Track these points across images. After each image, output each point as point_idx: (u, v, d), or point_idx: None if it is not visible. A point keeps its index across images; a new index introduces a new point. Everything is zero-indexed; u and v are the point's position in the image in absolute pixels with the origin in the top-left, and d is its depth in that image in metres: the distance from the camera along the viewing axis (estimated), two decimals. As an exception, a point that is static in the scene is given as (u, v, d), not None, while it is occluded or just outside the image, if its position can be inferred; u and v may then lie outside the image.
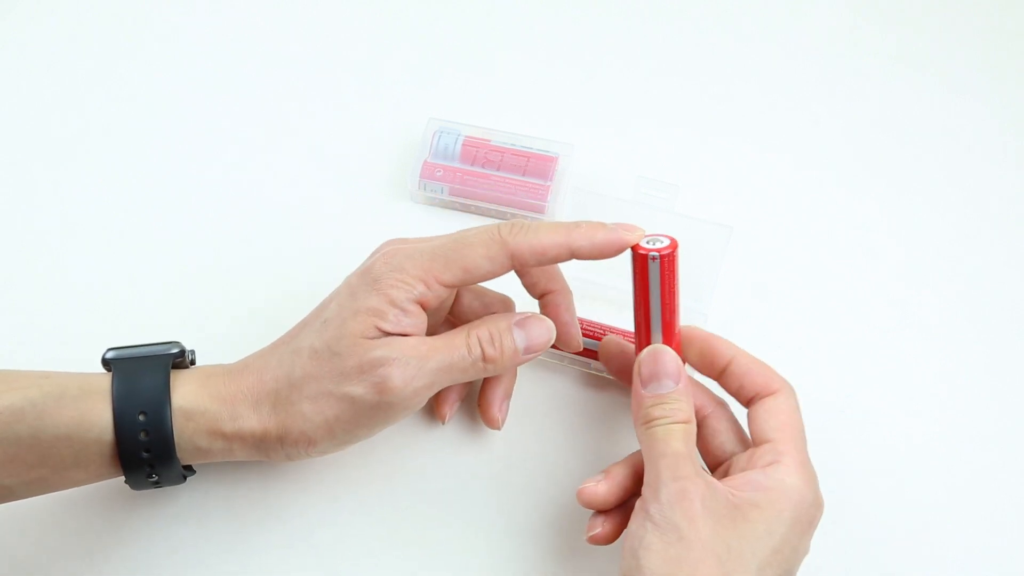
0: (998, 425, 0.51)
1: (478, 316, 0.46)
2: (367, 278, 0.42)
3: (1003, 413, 0.51)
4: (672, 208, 0.53)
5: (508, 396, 0.48)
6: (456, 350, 0.42)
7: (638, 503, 0.40)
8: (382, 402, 0.41)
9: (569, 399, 0.51)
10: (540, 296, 0.46)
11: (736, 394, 0.44)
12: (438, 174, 0.56)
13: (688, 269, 0.51)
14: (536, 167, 0.56)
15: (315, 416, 0.41)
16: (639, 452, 0.43)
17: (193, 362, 0.45)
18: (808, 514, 0.40)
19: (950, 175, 0.58)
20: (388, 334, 0.41)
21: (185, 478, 0.44)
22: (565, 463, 0.49)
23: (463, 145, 0.56)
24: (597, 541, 0.43)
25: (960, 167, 0.59)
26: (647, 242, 0.42)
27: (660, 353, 0.42)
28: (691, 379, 0.44)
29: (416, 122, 0.59)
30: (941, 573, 0.47)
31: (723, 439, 0.44)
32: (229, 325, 0.53)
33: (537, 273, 0.45)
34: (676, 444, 0.40)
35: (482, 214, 0.56)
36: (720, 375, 0.44)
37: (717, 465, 0.44)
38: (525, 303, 0.47)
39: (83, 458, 0.41)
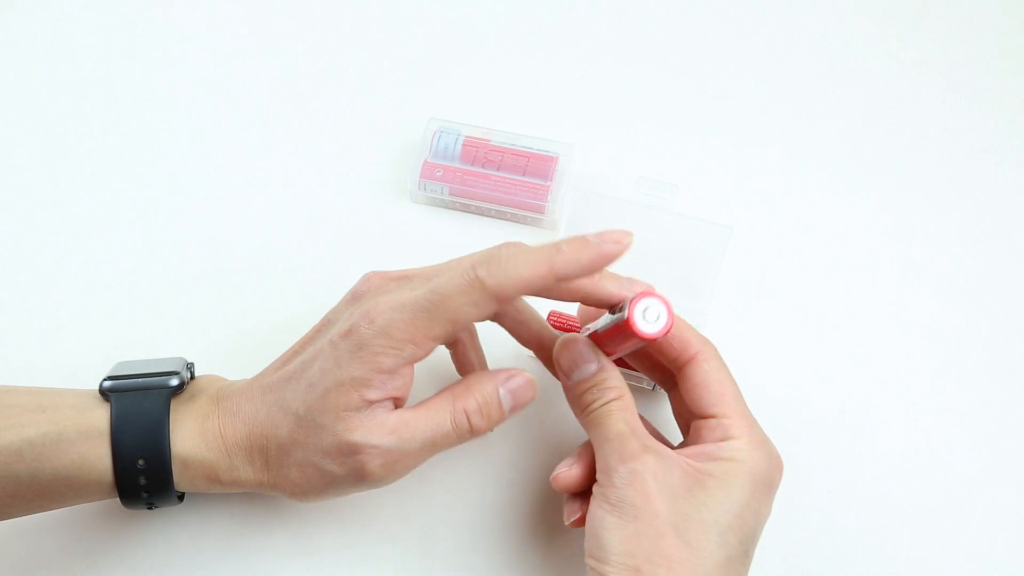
0: (998, 425, 0.51)
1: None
2: (351, 343, 0.39)
3: (1003, 413, 0.51)
4: (672, 208, 0.53)
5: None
6: (441, 426, 0.41)
7: (595, 488, 0.40)
8: (362, 483, 0.41)
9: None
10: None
11: (658, 357, 0.43)
12: (438, 174, 0.56)
13: (688, 269, 0.51)
14: (536, 167, 0.56)
15: (303, 482, 0.41)
16: None
17: (192, 375, 0.45)
18: (767, 478, 0.40)
19: (950, 175, 0.58)
20: (373, 402, 0.40)
21: (182, 499, 0.45)
22: (557, 461, 0.49)
23: (463, 145, 0.56)
24: (578, 524, 0.43)
25: (960, 167, 0.59)
26: (644, 312, 0.38)
27: (572, 342, 0.42)
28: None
29: (416, 122, 0.59)
30: (940, 573, 0.47)
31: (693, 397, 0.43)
32: (229, 326, 0.53)
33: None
34: (616, 425, 0.40)
35: (482, 214, 0.56)
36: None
37: (688, 429, 0.44)
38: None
39: (83, 494, 0.41)
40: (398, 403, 0.41)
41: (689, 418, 0.43)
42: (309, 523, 0.47)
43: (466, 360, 0.47)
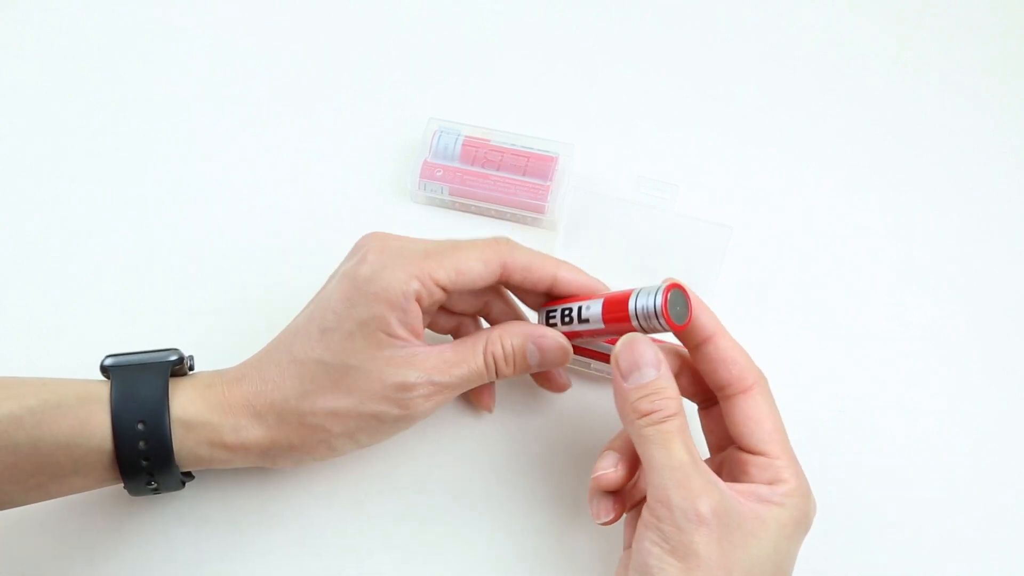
0: (998, 425, 0.51)
1: (471, 307, 0.46)
2: (359, 281, 0.41)
3: (1002, 413, 0.51)
4: (672, 208, 0.53)
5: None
6: (474, 366, 0.43)
7: (647, 515, 0.38)
8: (406, 416, 0.42)
9: (569, 399, 0.50)
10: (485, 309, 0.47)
11: (707, 376, 0.42)
12: (438, 174, 0.56)
13: (688, 269, 0.51)
14: (536, 167, 0.56)
15: (337, 428, 0.42)
16: None
17: (192, 368, 0.45)
18: (808, 525, 0.40)
19: (950, 175, 0.58)
20: (400, 338, 0.41)
21: (184, 484, 0.44)
22: (564, 462, 0.49)
23: (463, 145, 0.56)
24: (610, 524, 0.43)
25: (960, 167, 0.59)
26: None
27: (636, 342, 0.40)
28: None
29: (416, 122, 0.59)
30: (941, 572, 0.47)
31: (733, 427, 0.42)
32: (228, 326, 0.52)
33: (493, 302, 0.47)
34: (678, 452, 0.38)
35: (482, 214, 0.56)
36: (695, 349, 0.42)
37: (720, 449, 0.44)
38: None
39: (82, 466, 0.41)
40: (419, 338, 0.42)
41: (726, 441, 0.43)
42: (309, 520, 0.47)
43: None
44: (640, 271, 0.49)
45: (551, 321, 0.45)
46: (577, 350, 0.49)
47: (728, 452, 0.43)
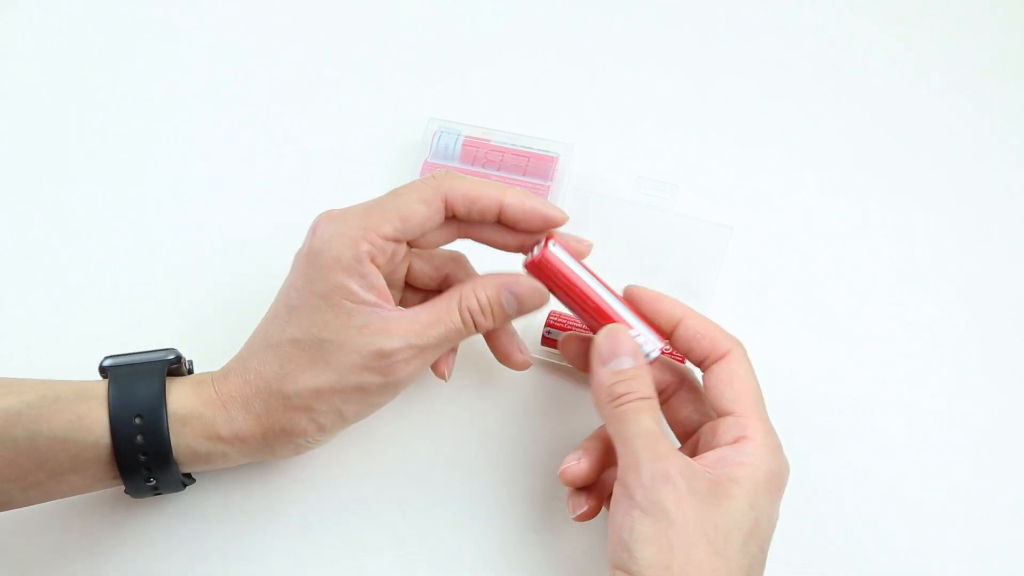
0: (998, 424, 0.51)
1: (432, 280, 0.46)
2: (311, 256, 0.41)
3: (1002, 413, 0.51)
4: (672, 208, 0.53)
5: (515, 333, 0.48)
6: (450, 324, 0.42)
7: (618, 488, 0.39)
8: (389, 383, 0.42)
9: (568, 399, 0.51)
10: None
11: (687, 355, 0.44)
12: (438, 174, 0.56)
13: (688, 269, 0.51)
14: (536, 167, 0.56)
15: (323, 406, 0.41)
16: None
17: (191, 371, 0.45)
18: (780, 482, 0.40)
19: (950, 175, 0.58)
20: (367, 304, 0.41)
21: (185, 486, 0.44)
22: (558, 457, 0.49)
23: (463, 145, 0.56)
24: (585, 518, 0.43)
25: (960, 167, 0.59)
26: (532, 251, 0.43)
27: (617, 332, 0.42)
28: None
29: (416, 122, 0.59)
30: (941, 572, 0.47)
31: (691, 410, 0.44)
32: (229, 327, 0.52)
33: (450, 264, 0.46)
34: (647, 423, 0.39)
35: (482, 214, 0.56)
36: (670, 336, 0.43)
37: (686, 437, 0.44)
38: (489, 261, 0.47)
39: (80, 463, 0.41)
40: (384, 299, 0.42)
41: (687, 426, 0.44)
42: (309, 517, 0.47)
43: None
44: (640, 271, 0.48)
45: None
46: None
47: (697, 433, 0.43)
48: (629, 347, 0.41)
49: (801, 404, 0.50)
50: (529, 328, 0.51)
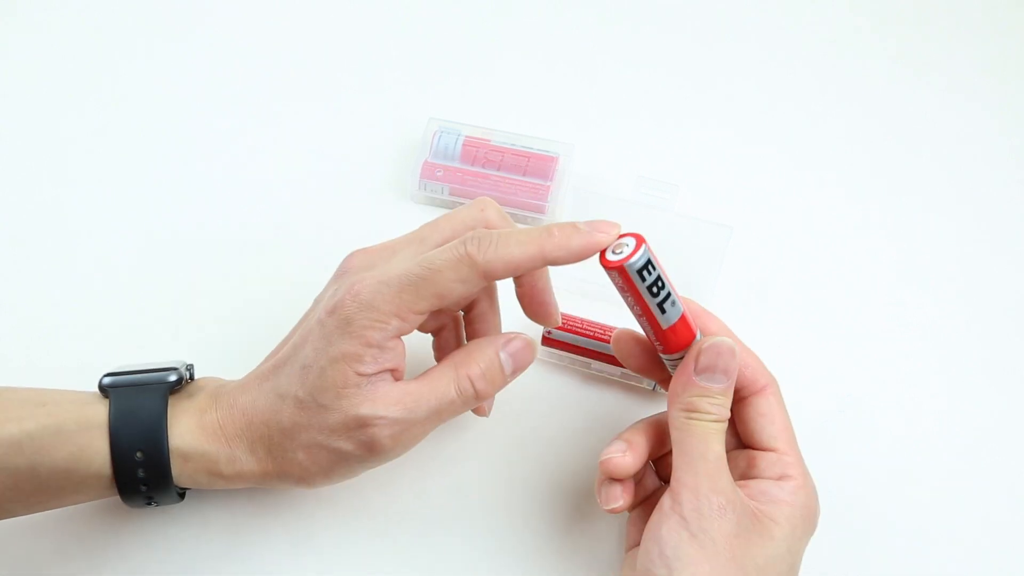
0: (998, 424, 0.51)
1: (456, 306, 0.45)
2: (338, 319, 0.39)
3: (1002, 413, 0.51)
4: (672, 208, 0.53)
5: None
6: (445, 395, 0.41)
7: (668, 500, 0.39)
8: (372, 457, 0.41)
9: (569, 399, 0.51)
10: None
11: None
12: (438, 174, 0.56)
13: (688, 269, 0.51)
14: (536, 167, 0.56)
15: (310, 464, 0.41)
16: (652, 418, 0.44)
17: (192, 376, 0.45)
18: (814, 524, 0.41)
19: (950, 175, 0.58)
20: (369, 376, 0.40)
21: (182, 497, 0.44)
22: (565, 463, 0.49)
23: (463, 145, 0.56)
24: (618, 511, 0.43)
25: (960, 167, 0.59)
26: (614, 250, 0.39)
27: (722, 349, 0.40)
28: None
29: (416, 122, 0.59)
30: (941, 572, 0.47)
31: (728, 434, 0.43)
32: (229, 327, 0.52)
33: None
34: (716, 447, 0.39)
35: (482, 214, 0.56)
36: None
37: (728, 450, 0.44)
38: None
39: (82, 488, 0.41)
40: (396, 375, 0.41)
41: (732, 443, 0.44)
42: (309, 522, 0.47)
43: (447, 348, 0.47)
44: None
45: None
46: (577, 350, 0.49)
47: (733, 454, 0.43)
48: (730, 368, 0.40)
49: (801, 404, 0.50)
50: (529, 328, 0.51)
